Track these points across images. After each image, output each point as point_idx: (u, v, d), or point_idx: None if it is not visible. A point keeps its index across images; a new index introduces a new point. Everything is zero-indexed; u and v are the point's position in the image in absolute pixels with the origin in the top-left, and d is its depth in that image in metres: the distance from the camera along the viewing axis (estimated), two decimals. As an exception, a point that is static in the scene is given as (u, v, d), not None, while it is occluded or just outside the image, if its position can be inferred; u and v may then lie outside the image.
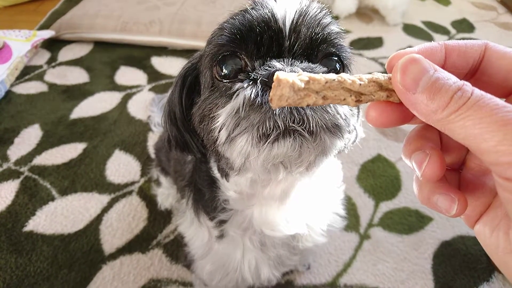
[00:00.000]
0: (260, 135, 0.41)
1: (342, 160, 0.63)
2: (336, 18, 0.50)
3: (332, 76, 0.30)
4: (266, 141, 0.41)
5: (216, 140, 0.46)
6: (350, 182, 1.34)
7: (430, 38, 2.16)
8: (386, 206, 1.26)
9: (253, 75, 0.43)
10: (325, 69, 0.45)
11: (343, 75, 0.30)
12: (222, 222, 0.69)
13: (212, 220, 0.69)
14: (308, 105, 0.30)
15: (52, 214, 1.22)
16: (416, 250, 1.14)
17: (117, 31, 2.01)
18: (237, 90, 0.43)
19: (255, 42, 0.46)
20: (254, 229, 0.68)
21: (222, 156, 0.50)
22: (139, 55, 1.98)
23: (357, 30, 2.23)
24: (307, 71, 0.40)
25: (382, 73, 0.32)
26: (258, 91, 0.41)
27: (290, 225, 0.66)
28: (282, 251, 0.74)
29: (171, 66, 1.91)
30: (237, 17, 0.47)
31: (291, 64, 0.43)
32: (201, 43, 1.91)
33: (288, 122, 0.40)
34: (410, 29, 2.25)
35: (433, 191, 0.32)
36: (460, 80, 0.28)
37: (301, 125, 0.40)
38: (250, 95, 0.41)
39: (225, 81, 0.47)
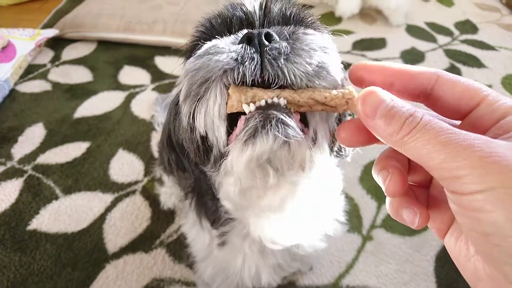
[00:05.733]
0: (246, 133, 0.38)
1: (344, 161, 0.63)
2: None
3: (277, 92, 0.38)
4: (247, 132, 0.38)
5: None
6: (353, 183, 1.34)
7: (433, 39, 2.16)
8: (388, 208, 1.26)
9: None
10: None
11: (286, 91, 0.38)
12: (225, 233, 0.69)
13: (216, 228, 0.70)
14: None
15: (55, 212, 1.23)
16: (419, 252, 1.14)
17: (120, 31, 2.01)
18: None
19: (226, 26, 0.48)
20: (253, 238, 0.68)
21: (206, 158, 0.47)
22: (142, 54, 1.98)
23: (360, 30, 2.22)
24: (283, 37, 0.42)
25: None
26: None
27: (289, 238, 0.65)
28: (281, 260, 0.74)
29: (175, 66, 1.90)
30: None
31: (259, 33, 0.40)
32: (204, 43, 1.91)
33: (260, 79, 0.39)
34: (413, 30, 2.24)
35: (400, 205, 0.36)
36: (416, 101, 0.33)
37: (280, 84, 0.38)
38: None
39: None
